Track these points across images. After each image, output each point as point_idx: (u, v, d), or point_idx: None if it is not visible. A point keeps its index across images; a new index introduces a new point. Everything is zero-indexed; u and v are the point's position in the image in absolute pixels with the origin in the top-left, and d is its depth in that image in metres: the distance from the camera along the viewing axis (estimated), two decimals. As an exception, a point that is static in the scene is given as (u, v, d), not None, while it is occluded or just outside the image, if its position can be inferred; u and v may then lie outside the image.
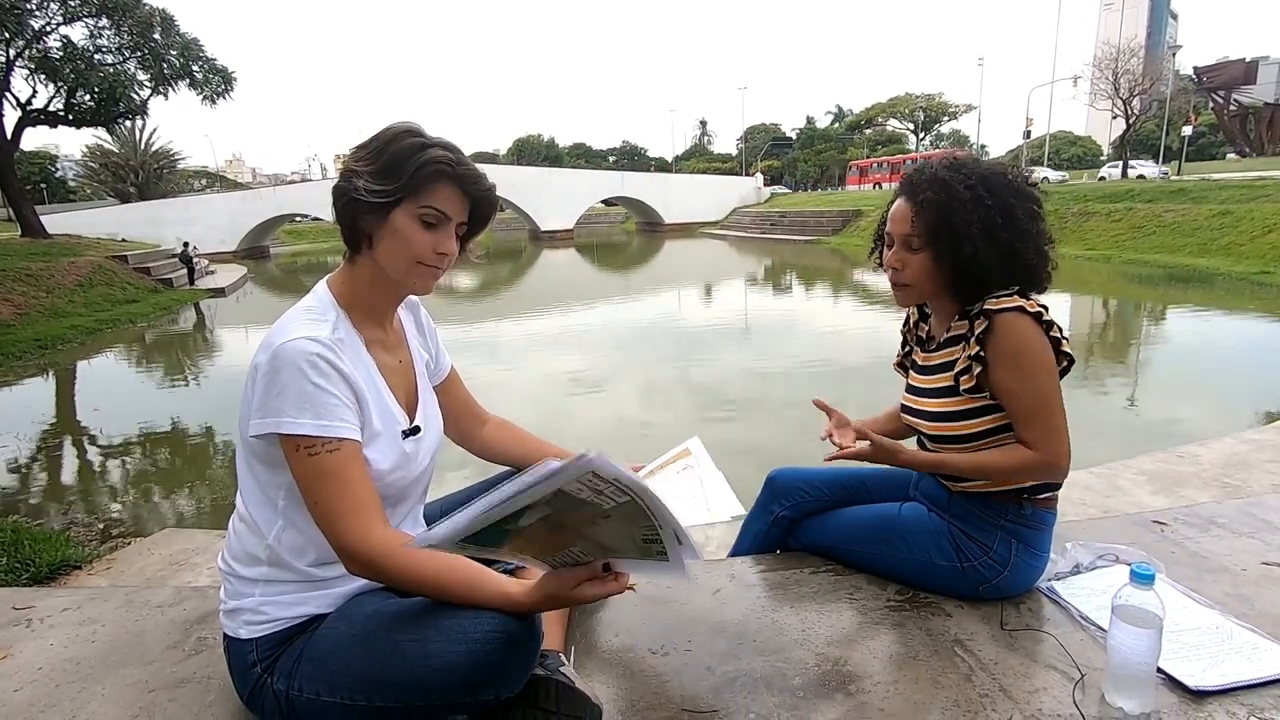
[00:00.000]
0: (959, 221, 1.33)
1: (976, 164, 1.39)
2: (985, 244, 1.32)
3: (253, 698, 1.12)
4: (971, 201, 1.33)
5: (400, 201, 1.08)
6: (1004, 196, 1.34)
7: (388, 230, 1.10)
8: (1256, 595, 1.49)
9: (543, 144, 79.79)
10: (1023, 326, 1.31)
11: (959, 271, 1.36)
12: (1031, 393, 1.31)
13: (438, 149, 1.09)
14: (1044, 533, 1.46)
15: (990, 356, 1.33)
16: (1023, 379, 1.31)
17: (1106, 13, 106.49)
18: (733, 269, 22.24)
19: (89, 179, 50.34)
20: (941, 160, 1.41)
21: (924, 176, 1.39)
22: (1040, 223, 1.38)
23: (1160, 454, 3.60)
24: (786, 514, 1.71)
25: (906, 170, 1.47)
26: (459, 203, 1.12)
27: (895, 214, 1.43)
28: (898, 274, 1.43)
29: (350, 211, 1.10)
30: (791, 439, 5.38)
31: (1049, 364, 1.31)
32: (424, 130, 1.12)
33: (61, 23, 16.39)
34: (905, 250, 1.41)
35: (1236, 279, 13.10)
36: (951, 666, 1.29)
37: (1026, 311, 1.31)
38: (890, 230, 1.44)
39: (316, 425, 1.01)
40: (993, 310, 1.32)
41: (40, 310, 11.68)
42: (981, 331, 1.33)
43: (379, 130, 1.12)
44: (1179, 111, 37.73)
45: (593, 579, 1.00)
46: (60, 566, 2.94)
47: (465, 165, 1.11)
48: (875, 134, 64.95)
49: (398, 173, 1.07)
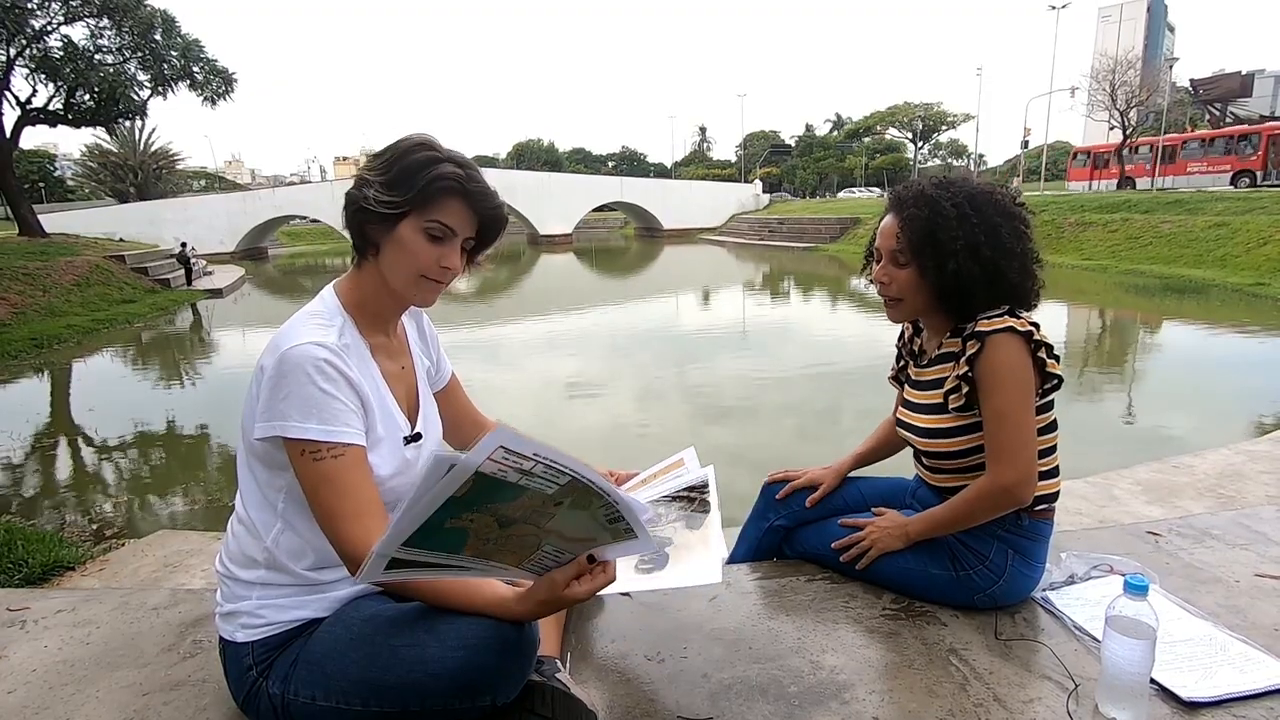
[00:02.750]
0: (943, 237, 1.34)
1: (966, 183, 1.41)
2: (968, 260, 1.34)
3: (248, 701, 1.12)
4: (957, 218, 1.34)
5: (408, 214, 1.09)
6: (990, 215, 1.36)
7: (393, 241, 1.10)
8: (1249, 607, 1.50)
9: (542, 148, 79.93)
10: (1008, 347, 1.32)
11: (944, 287, 1.38)
12: (992, 412, 1.33)
13: (449, 164, 1.09)
14: (1040, 543, 1.46)
15: (975, 376, 1.35)
16: (987, 396, 1.33)
17: (1104, 24, 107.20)
18: (731, 275, 22.28)
19: (88, 178, 50.29)
20: (931, 179, 1.43)
21: (911, 193, 1.41)
22: (1027, 242, 1.40)
23: (1155, 464, 3.62)
24: (783, 522, 1.71)
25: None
26: (466, 218, 1.13)
27: (884, 229, 1.45)
28: (885, 288, 1.45)
29: (359, 219, 1.11)
30: (788, 446, 5.39)
31: (1020, 385, 1.32)
32: (438, 144, 1.12)
33: (62, 22, 16.39)
34: (892, 265, 1.43)
35: (1232, 290, 13.14)
36: (946, 676, 1.29)
37: (1017, 331, 1.32)
38: (879, 245, 1.46)
39: (322, 430, 1.02)
40: (985, 332, 1.34)
41: (37, 309, 11.65)
42: (974, 353, 1.35)
43: (395, 140, 1.13)
44: (1175, 123, 37.94)
45: (580, 575, 0.98)
46: (54, 567, 2.93)
47: (475, 182, 1.12)
48: (874, 142, 65.12)
49: (407, 185, 1.08)
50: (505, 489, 0.81)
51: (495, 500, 0.83)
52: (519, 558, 0.95)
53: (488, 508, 0.84)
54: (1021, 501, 1.37)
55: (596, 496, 0.88)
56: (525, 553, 0.95)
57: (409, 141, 1.12)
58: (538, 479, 0.82)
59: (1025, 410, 1.33)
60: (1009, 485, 1.34)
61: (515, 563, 0.96)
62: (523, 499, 0.84)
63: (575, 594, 0.98)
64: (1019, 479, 1.34)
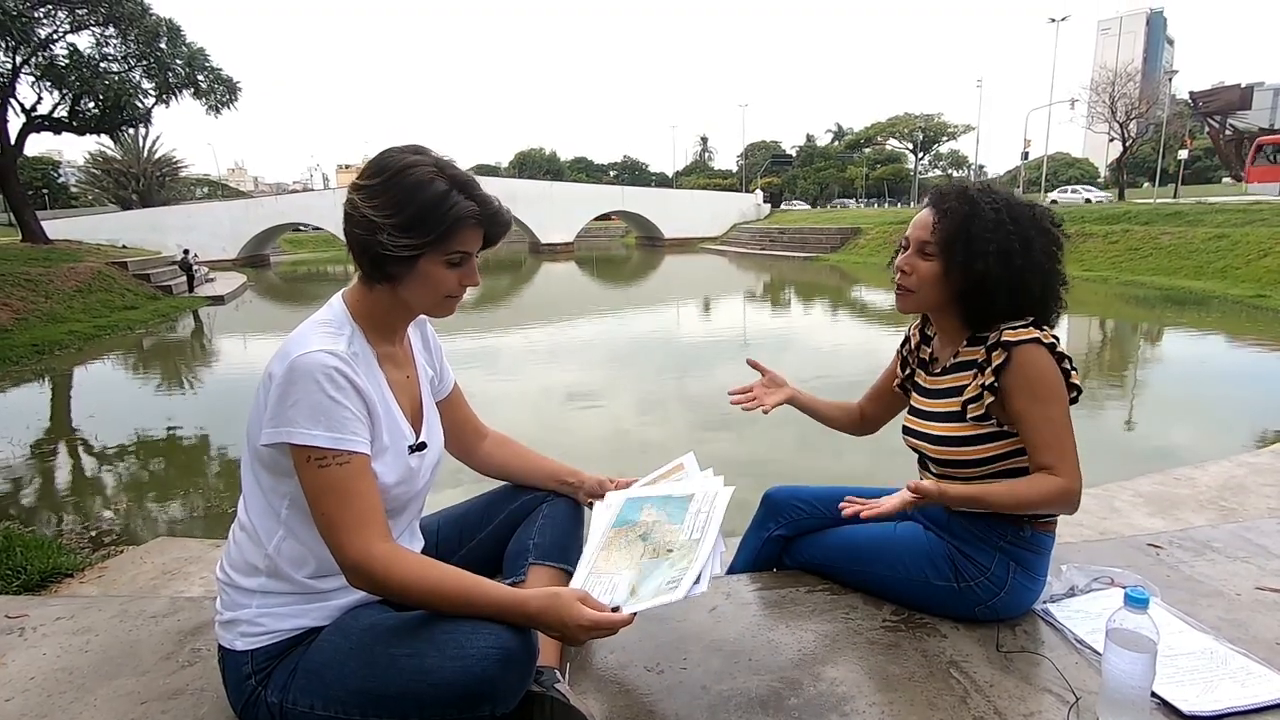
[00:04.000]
0: (977, 235, 1.35)
1: (1008, 192, 1.43)
2: (997, 265, 1.34)
3: (246, 710, 1.12)
4: (994, 222, 1.35)
5: (426, 251, 1.08)
6: (1026, 228, 1.37)
7: (415, 276, 1.10)
8: (1250, 620, 1.50)
9: (544, 157, 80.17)
10: (1041, 358, 1.33)
11: (967, 288, 1.38)
12: (1050, 422, 1.33)
13: (464, 199, 1.08)
14: (1042, 556, 1.46)
15: (1007, 386, 1.34)
16: (1043, 408, 1.33)
17: (1104, 37, 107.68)
18: (732, 284, 22.32)
19: (91, 185, 50.43)
20: (975, 183, 1.45)
21: (954, 189, 1.42)
22: (1057, 263, 1.40)
23: (1157, 476, 3.61)
24: (783, 532, 1.71)
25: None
26: (480, 238, 1.14)
27: (918, 220, 1.45)
28: (905, 277, 1.45)
29: (372, 258, 1.09)
30: (789, 456, 5.38)
31: (1062, 393, 1.34)
32: (433, 155, 1.10)
33: (68, 31, 16.49)
34: (918, 255, 1.43)
35: (1233, 302, 13.16)
36: (947, 688, 1.29)
37: (1042, 343, 1.33)
38: (909, 235, 1.46)
39: (329, 437, 1.02)
40: (1011, 342, 1.34)
41: (39, 315, 11.66)
42: (1000, 363, 1.35)
43: (384, 161, 1.08)
44: (1175, 135, 38.03)
45: (596, 625, 1.02)
46: (52, 574, 2.92)
47: (489, 206, 1.12)
48: (875, 153, 65.32)
49: (425, 227, 1.06)
50: (681, 513, 1.11)
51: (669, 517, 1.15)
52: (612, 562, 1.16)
53: (654, 523, 1.16)
54: (1074, 508, 1.36)
55: (691, 556, 1.10)
56: (606, 566, 1.14)
57: (406, 164, 1.07)
58: (695, 525, 1.14)
59: (1069, 416, 1.34)
60: (1076, 490, 1.34)
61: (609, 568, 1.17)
62: (671, 528, 1.15)
63: (577, 633, 1.03)
64: (1080, 485, 1.34)
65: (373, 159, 1.12)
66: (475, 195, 1.10)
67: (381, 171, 1.08)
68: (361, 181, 1.09)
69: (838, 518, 1.67)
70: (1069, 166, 60.34)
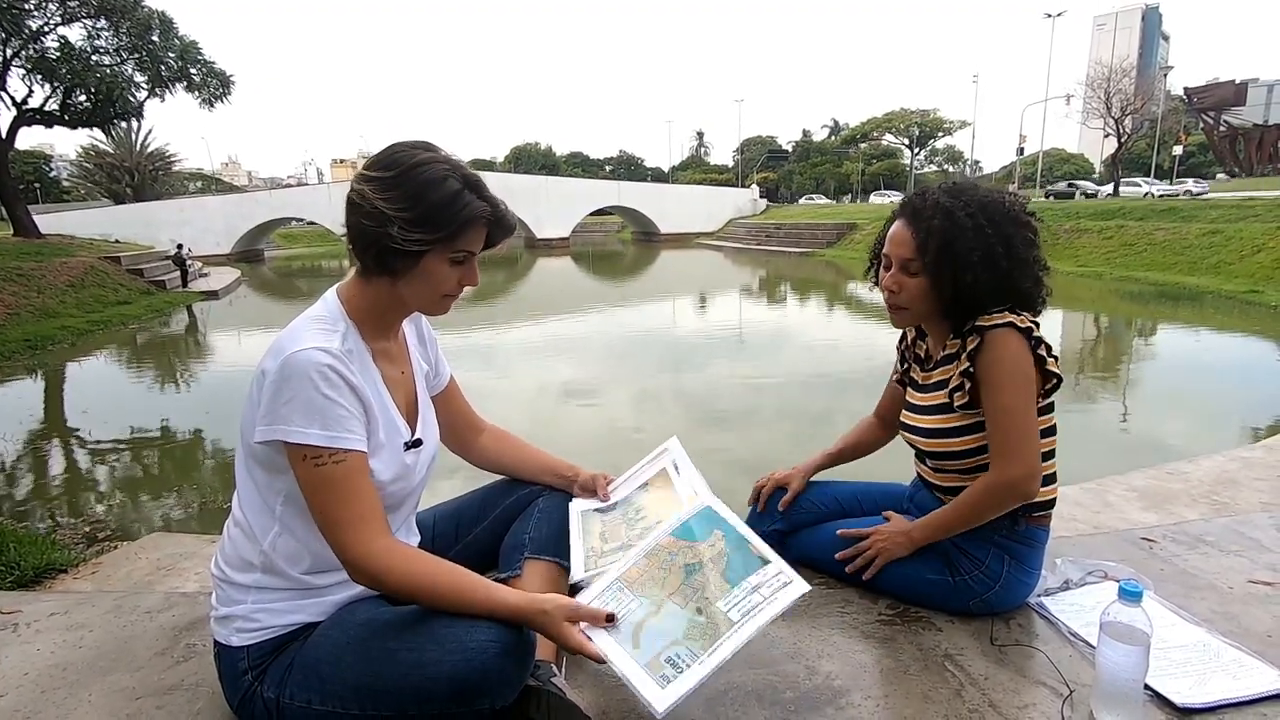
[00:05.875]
0: (961, 249, 1.34)
1: (975, 190, 1.40)
2: (985, 272, 1.33)
3: (242, 706, 1.12)
4: (973, 229, 1.34)
5: (433, 248, 1.08)
6: (1004, 225, 1.36)
7: (418, 272, 1.09)
8: (1243, 613, 1.51)
9: (540, 152, 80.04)
10: (1009, 341, 1.32)
11: (956, 297, 1.38)
12: (996, 408, 1.33)
13: (477, 199, 1.08)
14: (1036, 550, 1.47)
15: (977, 372, 1.35)
16: (989, 392, 1.33)
17: (1099, 33, 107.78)
18: (728, 279, 22.30)
19: (83, 179, 50.02)
20: (941, 186, 1.42)
21: (926, 202, 1.40)
22: (1036, 250, 1.40)
23: (1150, 470, 3.62)
24: (778, 526, 1.71)
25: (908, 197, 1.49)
26: (484, 238, 1.14)
27: (895, 237, 1.43)
28: (894, 296, 1.44)
29: (377, 251, 1.08)
30: (785, 450, 5.39)
31: (1022, 379, 1.32)
32: (443, 153, 1.10)
33: (60, 23, 16.33)
34: (903, 273, 1.42)
35: (1226, 297, 13.22)
36: (942, 681, 1.29)
37: (1016, 328, 1.33)
38: (889, 252, 1.44)
39: (325, 436, 1.01)
40: (984, 326, 1.34)
41: (31, 310, 11.59)
42: (974, 348, 1.35)
43: (397, 155, 1.07)
44: (1170, 131, 38.15)
45: (579, 649, 1.05)
46: (46, 570, 2.90)
47: (499, 209, 1.12)
48: (871, 148, 65.34)
49: (436, 224, 1.06)
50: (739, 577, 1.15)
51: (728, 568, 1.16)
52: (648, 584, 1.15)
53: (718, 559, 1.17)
54: (1028, 496, 1.36)
55: (707, 646, 1.09)
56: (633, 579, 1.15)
57: (419, 161, 1.06)
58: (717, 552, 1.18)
59: (1028, 404, 1.33)
60: (1014, 480, 1.34)
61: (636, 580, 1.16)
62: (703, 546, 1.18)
63: (569, 637, 1.05)
64: (1025, 473, 1.33)
65: (383, 152, 1.10)
66: (486, 196, 1.11)
67: (395, 165, 1.07)
68: (373, 173, 1.07)
69: (835, 513, 1.69)
70: (1064, 162, 60.44)
